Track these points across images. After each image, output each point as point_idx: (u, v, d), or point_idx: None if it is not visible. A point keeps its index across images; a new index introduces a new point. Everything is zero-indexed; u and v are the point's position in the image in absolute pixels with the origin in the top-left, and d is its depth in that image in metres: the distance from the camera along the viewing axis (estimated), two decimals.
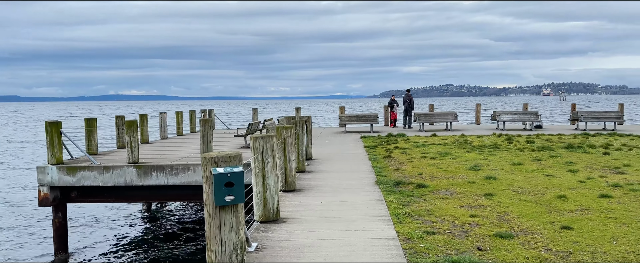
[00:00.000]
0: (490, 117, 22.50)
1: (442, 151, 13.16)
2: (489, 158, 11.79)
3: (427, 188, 8.41)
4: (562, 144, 14.25)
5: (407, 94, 23.80)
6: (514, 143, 15.12)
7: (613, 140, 15.48)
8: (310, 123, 12.79)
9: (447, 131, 20.65)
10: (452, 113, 22.14)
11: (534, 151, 13.00)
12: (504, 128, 21.45)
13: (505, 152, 12.95)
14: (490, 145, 14.52)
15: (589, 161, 10.95)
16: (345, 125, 21.75)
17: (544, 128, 21.98)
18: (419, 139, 17.10)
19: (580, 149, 13.03)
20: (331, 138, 18.91)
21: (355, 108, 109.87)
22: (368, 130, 22.00)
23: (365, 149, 14.60)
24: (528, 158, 11.63)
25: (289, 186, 8.39)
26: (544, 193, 7.72)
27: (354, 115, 22.00)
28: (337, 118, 38.21)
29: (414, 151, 13.62)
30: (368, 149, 14.46)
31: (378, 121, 21.74)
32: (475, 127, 23.76)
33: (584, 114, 21.05)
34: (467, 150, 13.48)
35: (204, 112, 26.12)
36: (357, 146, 15.46)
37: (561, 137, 17.00)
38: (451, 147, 14.29)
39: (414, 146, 14.80)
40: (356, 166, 11.20)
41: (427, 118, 21.88)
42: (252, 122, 17.65)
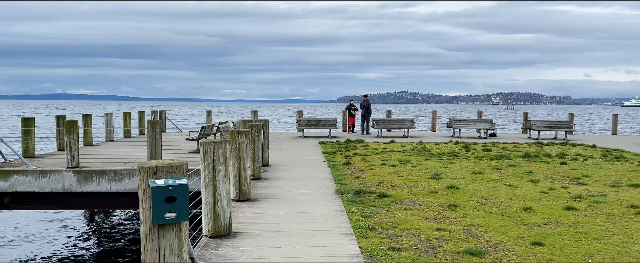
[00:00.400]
0: (447, 124, 22.61)
1: (402, 159, 12.88)
2: (449, 166, 11.58)
3: (389, 197, 8.01)
4: (518, 153, 14.31)
5: (364, 100, 23.58)
6: (472, 151, 15.08)
7: (567, 149, 15.73)
8: (268, 127, 12.21)
9: (405, 138, 20.53)
10: (409, 120, 22.08)
11: (493, 159, 12.94)
12: (459, 136, 21.58)
13: (464, 160, 12.81)
14: (448, 153, 14.40)
15: (548, 171, 10.92)
16: (303, 130, 21.26)
17: (498, 136, 22.29)
18: (378, 145, 16.83)
19: (538, 159, 13.08)
20: (289, 142, 18.36)
21: (313, 112, 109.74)
22: (326, 135, 21.58)
23: (324, 155, 14.14)
24: (487, 167, 11.51)
25: (243, 196, 7.78)
26: (509, 205, 7.48)
27: (312, 120, 21.54)
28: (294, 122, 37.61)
29: (373, 157, 13.27)
30: (327, 155, 14.00)
31: (336, 126, 21.38)
32: (432, 134, 23.84)
33: (537, 124, 21.47)
34: (427, 158, 13.27)
35: (154, 113, 24.93)
36: (315, 152, 14.98)
37: (516, 145, 17.17)
38: (410, 154, 14.06)
39: (374, 152, 14.47)
40: (315, 173, 10.70)
41: (385, 124, 21.71)
42: (206, 125, 16.89)
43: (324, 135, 21.77)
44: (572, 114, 25.89)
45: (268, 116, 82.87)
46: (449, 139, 19.89)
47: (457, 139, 19.87)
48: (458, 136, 21.50)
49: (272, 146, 16.09)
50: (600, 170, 11.01)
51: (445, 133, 25.07)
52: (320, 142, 18.17)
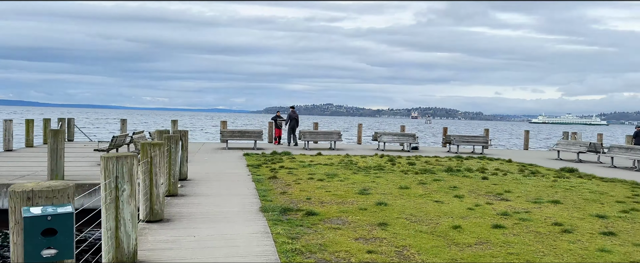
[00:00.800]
0: (372, 137, 22.74)
1: (330, 172, 12.53)
2: (376, 181, 11.38)
3: (317, 215, 7.54)
4: (441, 167, 14.49)
5: (292, 111, 23.16)
6: (397, 164, 15.09)
7: (485, 164, 16.23)
8: (187, 138, 11.34)
9: (331, 150, 20.32)
10: (336, 132, 21.94)
11: (418, 173, 12.95)
12: (384, 149, 21.76)
13: (390, 174, 12.71)
14: (375, 166, 14.27)
15: (472, 186, 11.03)
16: (226, 141, 20.37)
17: (420, 150, 22.77)
18: (305, 158, 16.40)
19: (460, 173, 13.28)
20: (211, 155, 17.42)
21: (238, 122, 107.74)
22: (251, 147, 20.85)
23: (248, 168, 13.45)
24: (413, 182, 11.44)
25: (155, 216, 6.95)
26: (438, 222, 7.29)
27: (237, 130, 20.72)
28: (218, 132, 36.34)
29: (300, 171, 12.80)
30: (251, 168, 13.33)
31: (262, 137, 20.72)
32: (358, 146, 23.88)
33: (456, 138, 22.18)
34: (354, 171, 13.02)
35: (61, 121, 22.84)
36: (239, 165, 14.24)
37: (438, 159, 17.49)
38: (338, 168, 13.76)
39: (300, 165, 14.01)
40: (238, 188, 10.01)
41: (312, 136, 21.40)
42: (118, 135, 15.57)
43: (249, 147, 21.02)
44: (488, 130, 27.14)
45: (190, 125, 79.84)
46: (374, 152, 19.94)
47: (382, 152, 19.97)
48: (383, 149, 21.67)
49: (192, 159, 15.13)
50: (520, 186, 11.31)
51: (371, 145, 25.24)
52: (245, 154, 17.43)
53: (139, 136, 16.12)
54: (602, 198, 9.78)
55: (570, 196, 9.89)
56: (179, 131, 11.53)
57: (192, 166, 13.27)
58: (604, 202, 9.28)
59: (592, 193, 10.34)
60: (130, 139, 16.56)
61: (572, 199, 9.58)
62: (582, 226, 7.14)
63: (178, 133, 10.82)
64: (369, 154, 18.69)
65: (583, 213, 8.13)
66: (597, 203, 9.15)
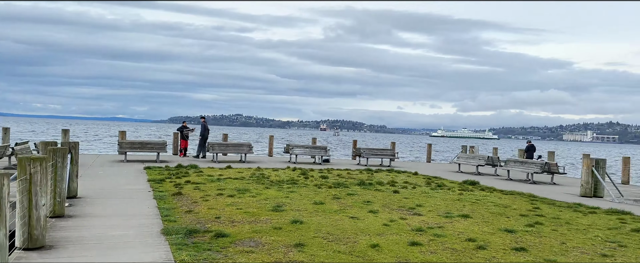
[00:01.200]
0: (284, 149, 22.33)
1: (241, 187, 11.86)
2: (289, 196, 10.93)
3: (227, 237, 6.90)
4: (354, 181, 14.43)
5: (203, 122, 22.06)
6: (310, 178, 14.80)
7: (395, 176, 16.50)
8: (77, 150, 10.08)
9: (242, 163, 19.56)
10: (247, 144, 21.23)
11: (331, 187, 12.73)
12: (296, 161, 21.45)
13: (304, 189, 12.34)
14: (288, 180, 13.84)
15: (384, 200, 10.99)
16: (125, 153, 18.78)
17: (331, 162, 22.79)
18: (214, 172, 15.53)
19: (372, 187, 13.28)
20: (108, 168, 15.89)
21: (140, 132, 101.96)
22: (154, 159, 19.43)
23: (150, 183, 12.34)
24: (328, 196, 11.16)
25: (34, 243, 5.90)
26: (356, 241, 7.00)
27: (138, 141, 19.22)
28: (117, 143, 33.90)
29: (208, 186, 11.98)
30: (153, 183, 12.25)
31: (166, 149, 19.42)
32: (269, 159, 23.34)
33: (366, 151, 22.51)
34: (266, 186, 12.47)
35: None
36: (139, 180, 13.05)
37: (350, 172, 17.50)
38: (249, 182, 13.12)
39: (209, 180, 13.16)
40: (137, 207, 9.02)
41: (222, 148, 20.48)
42: (2, 145, 13.72)
43: (152, 159, 19.58)
44: (394, 143, 27.99)
45: (84, 135, 73.84)
46: (286, 164, 19.52)
47: (294, 165, 19.62)
48: (295, 162, 21.33)
49: (85, 173, 13.62)
50: (429, 199, 11.49)
51: (282, 158, 24.81)
52: (147, 168, 16.12)
53: (22, 148, 14.25)
54: (506, 211, 10.18)
55: (478, 210, 10.17)
56: (69, 142, 10.23)
57: (84, 181, 11.90)
58: (509, 216, 9.64)
59: (496, 207, 10.75)
60: (12, 151, 14.63)
61: (479, 213, 9.85)
62: (494, 242, 7.24)
63: (67, 145, 9.57)
64: (281, 167, 18.23)
65: (492, 228, 8.31)
66: (503, 217, 9.47)
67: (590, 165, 14.06)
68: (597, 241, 7.60)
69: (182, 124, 22.54)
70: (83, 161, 18.28)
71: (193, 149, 23.55)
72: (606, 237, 7.94)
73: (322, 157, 21.91)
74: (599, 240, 7.69)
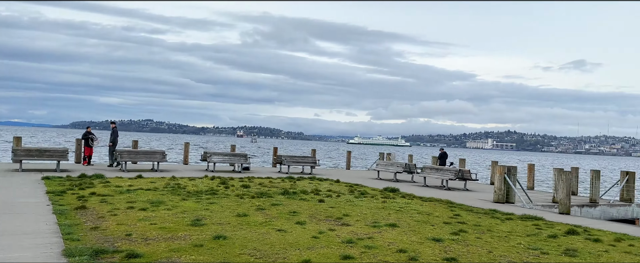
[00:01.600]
0: (201, 157, 21.30)
1: (154, 199, 10.92)
2: (210, 208, 10.23)
3: (140, 258, 6.15)
4: (277, 190, 13.96)
5: (113, 128, 20.41)
6: (231, 188, 14.10)
7: (317, 184, 16.26)
8: None
9: (154, 172, 18.31)
10: (160, 152, 19.94)
11: (254, 197, 12.17)
12: (214, 169, 20.52)
13: (224, 199, 11.65)
14: (207, 191, 13.05)
15: (311, 210, 10.65)
16: (20, 161, 16.78)
17: (252, 170, 22.13)
18: (123, 182, 14.28)
19: (296, 196, 12.90)
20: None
21: (39, 137, 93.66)
22: (54, 168, 17.58)
23: (48, 196, 10.99)
24: (251, 207, 10.60)
25: None
26: (286, 257, 6.55)
27: (35, 148, 17.29)
28: (10, 151, 30.49)
29: (117, 198, 10.90)
30: (53, 196, 10.92)
31: (68, 157, 17.65)
32: (185, 167, 22.13)
33: (287, 158, 22.13)
34: (183, 197, 11.62)
35: None
36: (36, 192, 11.59)
37: (272, 181, 17.01)
38: (163, 193, 12.16)
39: (117, 191, 12.01)
40: (33, 224, 7.88)
41: (132, 156, 19.03)
42: None
43: (51, 168, 17.71)
44: (314, 150, 27.92)
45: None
46: (204, 173, 18.57)
47: (213, 173, 18.72)
48: (213, 170, 20.41)
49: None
50: (355, 208, 11.33)
51: (199, 166, 23.69)
52: (45, 178, 14.47)
53: None
54: (430, 219, 10.26)
55: (403, 219, 10.16)
56: None
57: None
58: (433, 224, 9.70)
59: (420, 214, 10.83)
60: None
61: (405, 221, 9.82)
62: (425, 252, 7.14)
63: None
64: (198, 176, 17.29)
65: (420, 237, 8.26)
66: (428, 225, 9.51)
67: (502, 172, 14.78)
68: (520, 248, 7.80)
69: (87, 129, 20.73)
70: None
71: (99, 158, 21.81)
72: (528, 243, 8.20)
73: (242, 165, 21.19)
74: (522, 247, 7.90)
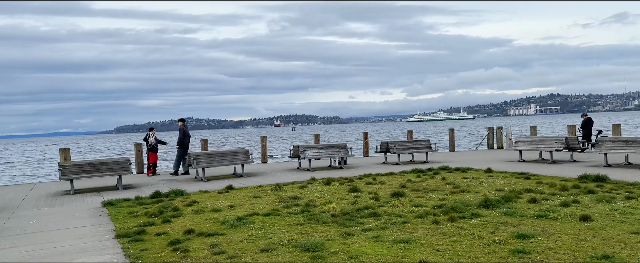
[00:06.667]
0: (291, 153, 16.76)
1: (298, 239, 6.32)
2: (410, 248, 5.55)
3: None
4: (474, 200, 8.95)
5: (181, 127, 16.16)
6: (382, 199, 9.39)
7: (478, 179, 11.38)
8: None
9: (238, 178, 13.91)
10: (243, 151, 15.49)
11: (454, 220, 7.40)
12: (310, 167, 15.94)
13: (410, 226, 6.94)
14: (352, 209, 8.38)
15: (625, 240, 5.79)
16: (71, 180, 12.64)
17: (351, 164, 17.51)
18: (215, 201, 9.85)
19: (511, 208, 8.04)
20: (44, 209, 9.85)
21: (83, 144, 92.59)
22: (114, 186, 13.44)
23: (119, 242, 6.60)
24: (488, 242, 5.86)
25: None
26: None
27: (88, 162, 13.13)
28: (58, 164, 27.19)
29: (230, 238, 6.37)
30: (128, 243, 6.52)
31: (130, 169, 13.45)
32: (270, 167, 17.64)
33: (395, 145, 17.31)
34: (340, 228, 6.99)
35: None
36: (99, 234, 7.23)
37: (410, 180, 12.29)
38: (300, 221, 7.54)
39: (218, 221, 7.49)
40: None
41: (210, 160, 14.62)
42: None
43: (111, 186, 13.58)
44: (411, 131, 23.02)
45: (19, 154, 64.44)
46: (302, 174, 14.00)
47: (313, 174, 14.12)
48: (309, 169, 15.85)
49: (3, 227, 7.56)
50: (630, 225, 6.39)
51: (285, 164, 19.20)
52: (107, 204, 10.19)
53: None
54: None
55: None
56: None
57: None
58: None
59: None
60: None
61: None
62: None
63: None
64: (300, 180, 12.76)
65: None
66: None
67: None
68: None
69: (150, 131, 16.54)
70: (11, 197, 12.11)
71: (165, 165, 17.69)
72: None
73: (343, 158, 16.56)
74: None
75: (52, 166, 36.65)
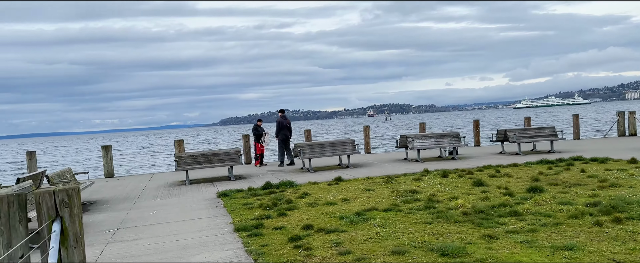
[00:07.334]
0: (398, 142, 15.94)
1: (430, 241, 5.59)
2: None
3: None
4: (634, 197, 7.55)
5: (282, 117, 16.09)
6: (536, 197, 8.32)
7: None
8: (79, 196, 4.14)
9: (341, 169, 13.41)
10: (349, 141, 14.98)
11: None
12: (419, 158, 15.01)
13: (574, 231, 5.90)
14: (497, 207, 7.44)
15: None
16: (187, 171, 12.98)
17: (463, 154, 16.25)
18: (326, 193, 9.41)
19: None
20: (162, 200, 10.08)
21: (195, 138, 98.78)
22: (225, 176, 13.63)
23: (241, 239, 6.32)
24: None
25: None
26: None
27: (202, 153, 13.41)
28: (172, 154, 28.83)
29: (352, 235, 5.78)
30: (248, 237, 6.23)
31: (240, 160, 13.53)
32: (373, 158, 16.98)
33: (516, 134, 15.73)
34: (471, 225, 6.14)
35: None
36: (217, 226, 7.06)
37: (542, 173, 10.94)
38: (428, 219, 6.79)
39: (335, 216, 6.96)
40: None
41: (316, 150, 14.30)
42: (25, 175, 8.52)
43: (222, 176, 13.79)
44: (529, 118, 21.02)
45: (139, 144, 70.31)
46: (411, 166, 13.13)
47: (425, 165, 13.19)
48: (418, 159, 14.94)
49: (126, 218, 7.66)
50: None
51: (388, 155, 18.45)
52: (222, 194, 10.19)
53: (22, 186, 8.57)
54: None
55: None
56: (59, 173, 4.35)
57: (121, 239, 6.03)
58: None
59: None
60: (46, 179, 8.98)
61: None
62: None
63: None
64: (412, 172, 11.92)
65: None
66: None
67: None
68: None
69: (257, 123, 16.68)
70: (132, 187, 12.71)
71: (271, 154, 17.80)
72: None
73: (455, 148, 15.39)
74: None
75: (166, 157, 39.21)
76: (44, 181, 9.61)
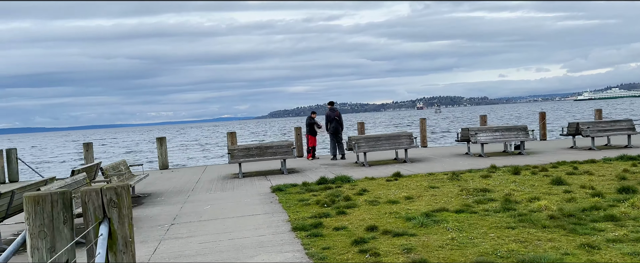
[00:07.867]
0: (459, 136, 15.03)
1: (522, 252, 4.86)
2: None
3: None
4: None
5: (330, 109, 15.54)
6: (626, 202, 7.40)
7: None
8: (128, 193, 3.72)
9: (398, 163, 12.69)
10: (406, 134, 14.23)
11: None
12: (483, 153, 14.05)
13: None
14: (603, 212, 6.59)
15: None
16: (239, 163, 12.70)
17: (530, 148, 15.11)
18: (387, 189, 8.77)
19: None
20: (216, 194, 9.79)
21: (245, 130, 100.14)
22: (278, 169, 13.27)
23: (296, 235, 5.83)
24: None
25: None
26: None
27: (254, 146, 13.09)
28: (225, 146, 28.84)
29: (421, 233, 5.14)
30: (307, 238, 5.70)
31: (293, 153, 13.11)
32: (433, 152, 16.12)
33: (590, 127, 14.44)
34: (544, 226, 5.35)
35: None
36: (273, 223, 6.60)
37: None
38: (520, 223, 6.04)
39: (400, 216, 6.32)
40: None
41: (371, 144, 13.65)
42: (80, 167, 8.49)
43: (275, 169, 13.43)
44: (600, 110, 19.43)
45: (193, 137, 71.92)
46: (475, 161, 12.24)
47: (491, 161, 12.25)
48: (481, 154, 13.98)
49: (180, 212, 7.38)
50: None
51: (449, 149, 17.52)
52: (276, 189, 9.77)
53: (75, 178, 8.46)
54: None
55: None
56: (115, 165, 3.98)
57: (175, 235, 5.69)
58: None
59: None
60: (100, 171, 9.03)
61: None
62: None
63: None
64: (478, 168, 11.06)
65: None
66: None
67: None
68: None
69: (311, 115, 16.21)
70: (186, 180, 12.57)
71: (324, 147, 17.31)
72: None
73: (522, 143, 14.30)
74: None
75: (218, 149, 39.67)
76: (98, 174, 9.54)
